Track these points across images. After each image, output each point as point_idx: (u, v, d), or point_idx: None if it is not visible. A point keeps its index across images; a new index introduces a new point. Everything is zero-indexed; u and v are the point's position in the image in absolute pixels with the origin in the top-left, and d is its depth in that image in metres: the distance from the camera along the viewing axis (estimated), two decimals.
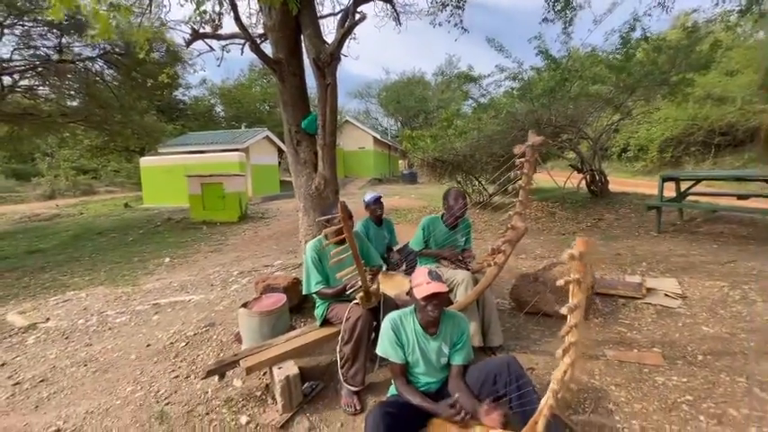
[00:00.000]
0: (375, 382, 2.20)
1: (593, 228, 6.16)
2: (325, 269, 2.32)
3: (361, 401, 2.04)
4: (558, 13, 6.42)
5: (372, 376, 2.24)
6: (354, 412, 1.99)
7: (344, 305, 2.21)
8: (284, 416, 1.95)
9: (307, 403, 2.07)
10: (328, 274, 2.33)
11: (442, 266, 2.72)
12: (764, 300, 2.95)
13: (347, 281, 2.11)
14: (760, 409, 1.82)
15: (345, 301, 2.24)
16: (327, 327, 2.36)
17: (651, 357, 2.32)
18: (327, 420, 1.96)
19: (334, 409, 2.04)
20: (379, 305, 2.16)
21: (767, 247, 4.36)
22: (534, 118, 6.95)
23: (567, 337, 1.12)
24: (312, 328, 2.42)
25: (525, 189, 1.90)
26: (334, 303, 2.33)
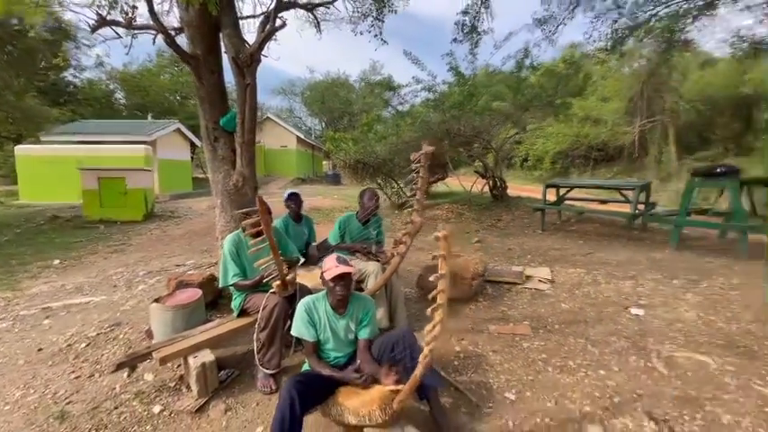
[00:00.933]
0: (290, 365, 2.39)
1: (493, 227, 7.01)
2: (243, 262, 2.44)
3: (277, 383, 2.21)
4: (466, 36, 7.20)
5: (287, 361, 2.41)
6: (270, 392, 2.15)
7: (262, 295, 2.36)
8: (199, 401, 2.03)
9: (223, 389, 2.17)
10: (246, 266, 2.44)
11: (356, 259, 2.99)
12: (606, 281, 3.77)
13: (264, 271, 2.26)
14: (590, 359, 2.42)
15: (263, 291, 2.38)
16: (245, 317, 2.47)
17: (522, 329, 2.86)
18: (244, 402, 2.10)
19: (251, 391, 2.18)
20: (295, 293, 2.35)
21: (617, 242, 5.46)
22: (446, 128, 7.66)
23: (438, 299, 1.45)
24: (229, 318, 2.51)
25: (421, 190, 2.26)
26: (251, 294, 2.45)
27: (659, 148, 16.45)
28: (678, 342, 2.54)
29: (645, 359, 2.36)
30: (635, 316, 2.98)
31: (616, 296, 3.39)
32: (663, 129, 16.34)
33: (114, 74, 24.04)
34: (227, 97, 3.42)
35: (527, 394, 2.10)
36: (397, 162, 8.54)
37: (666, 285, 3.57)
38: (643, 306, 3.14)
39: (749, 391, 2.01)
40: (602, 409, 1.93)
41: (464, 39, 7.33)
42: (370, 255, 2.97)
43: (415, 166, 2.24)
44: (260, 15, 3.79)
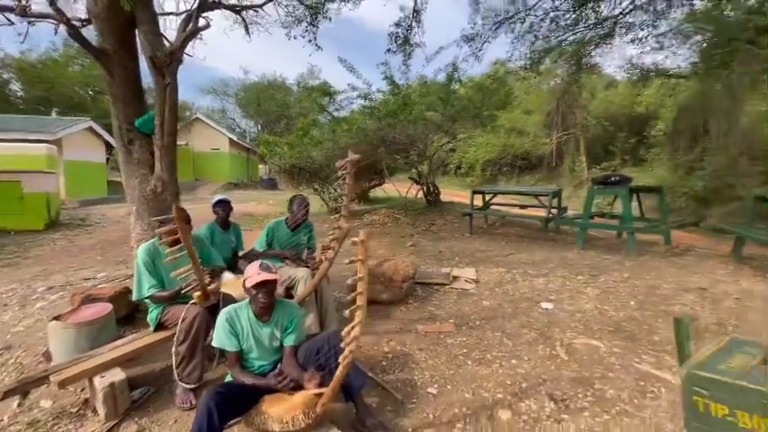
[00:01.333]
0: (212, 378, 2.29)
1: (427, 231, 7.31)
2: (160, 272, 2.30)
3: (197, 397, 2.11)
4: (399, 47, 7.48)
5: (210, 374, 2.32)
6: (190, 407, 2.05)
7: (181, 307, 2.24)
8: (107, 424, 1.87)
9: (136, 409, 2.02)
10: (163, 277, 2.31)
11: (285, 265, 2.96)
12: (523, 279, 4.13)
13: (183, 281, 2.15)
14: (505, 351, 2.64)
15: (182, 302, 2.27)
16: (162, 331, 2.33)
17: (447, 327, 3.04)
18: (160, 420, 1.97)
19: (168, 408, 2.05)
20: (218, 303, 2.26)
21: (534, 243, 6.00)
22: (382, 135, 7.85)
23: (357, 301, 1.52)
24: (144, 333, 2.34)
25: (348, 196, 2.32)
26: (169, 306, 2.32)
27: (573, 158, 18.34)
28: (578, 330, 2.89)
29: (550, 347, 2.65)
30: (545, 310, 3.31)
31: (530, 292, 3.73)
32: (575, 141, 18.25)
33: (8, 61, 21.00)
34: (144, 96, 3.19)
35: (448, 387, 2.24)
36: (333, 168, 8.53)
37: (572, 281, 4.01)
38: (552, 300, 3.50)
39: (629, 369, 2.34)
40: (511, 394, 2.13)
41: (397, 50, 7.61)
42: (299, 261, 2.95)
43: (341, 173, 2.29)
44: (182, 13, 3.61)
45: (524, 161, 21.09)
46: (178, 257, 2.00)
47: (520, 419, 1.93)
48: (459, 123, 8.45)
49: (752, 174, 10.04)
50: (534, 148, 20.03)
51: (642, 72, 10.55)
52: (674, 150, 13.49)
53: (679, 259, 4.65)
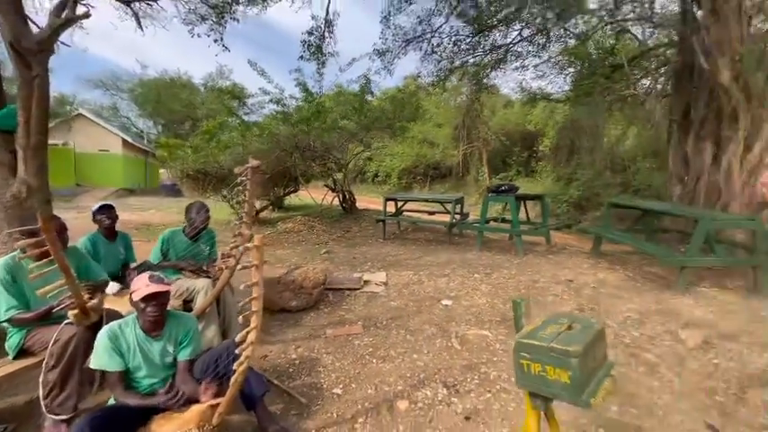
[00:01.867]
0: (90, 407, 2.05)
1: (342, 238, 7.40)
2: (23, 290, 2.01)
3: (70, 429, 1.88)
4: (312, 55, 7.51)
5: (89, 400, 2.08)
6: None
7: (50, 328, 1.98)
8: None
9: None
10: (27, 296, 2.02)
11: (184, 277, 2.78)
12: (428, 280, 4.45)
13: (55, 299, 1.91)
14: (407, 347, 2.83)
15: (53, 323, 2.00)
16: (26, 358, 2.02)
17: (355, 329, 3.14)
18: None
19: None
20: (100, 321, 2.05)
21: (440, 246, 6.47)
22: (295, 142, 7.76)
23: (252, 306, 1.53)
24: (3, 362, 2.01)
25: (250, 202, 2.30)
26: (36, 329, 2.03)
27: (477, 169, 20.16)
28: (471, 323, 3.22)
29: (447, 340, 2.91)
30: (445, 306, 3.62)
31: (434, 291, 4.04)
32: (479, 153, 20.10)
33: None
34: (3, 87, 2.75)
35: (352, 386, 2.33)
36: None
37: (470, 279, 4.43)
38: (452, 297, 3.84)
39: (508, 356, 2.69)
40: (410, 386, 2.31)
41: (310, 58, 7.65)
42: (199, 271, 2.80)
43: (241, 180, 2.26)
44: None
45: (436, 170, 22.52)
46: (46, 273, 1.78)
47: (416, 407, 2.10)
48: (374, 133, 8.76)
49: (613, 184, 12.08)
50: (444, 158, 21.56)
51: (530, 95, 12.09)
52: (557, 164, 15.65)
53: (555, 257, 5.43)
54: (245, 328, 1.51)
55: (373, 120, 8.14)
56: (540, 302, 3.63)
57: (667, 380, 2.37)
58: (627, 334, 2.96)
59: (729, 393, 2.23)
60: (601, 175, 12.87)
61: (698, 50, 5.06)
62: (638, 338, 2.90)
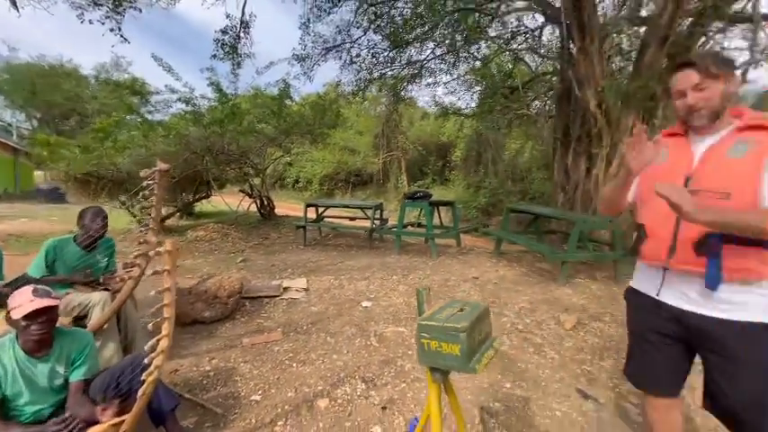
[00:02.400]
0: None
1: (260, 245, 7.14)
2: None
3: None
4: (227, 55, 7.19)
5: None
6: None
7: None
8: None
9: None
10: None
11: (76, 291, 2.49)
12: (349, 283, 4.55)
13: None
14: (328, 348, 2.89)
15: None
16: None
17: (274, 336, 3.10)
18: None
19: None
20: None
21: (361, 251, 6.63)
22: (208, 144, 7.31)
23: (164, 313, 1.48)
24: None
25: (157, 208, 2.17)
26: None
27: (397, 177, 20.97)
28: (389, 321, 3.40)
29: (366, 339, 3.04)
30: (364, 308, 3.75)
31: (354, 294, 4.15)
32: (398, 162, 20.95)
33: None
34: None
35: (272, 391, 2.32)
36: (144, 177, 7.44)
37: (388, 281, 4.65)
38: (371, 299, 3.99)
39: None
40: (330, 384, 2.38)
41: (224, 57, 7.30)
42: (95, 284, 2.53)
43: (148, 184, 2.13)
44: None
45: (357, 177, 22.88)
46: None
47: (336, 404, 2.18)
48: (294, 138, 8.64)
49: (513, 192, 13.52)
50: (365, 165, 22.03)
51: (442, 109, 13.02)
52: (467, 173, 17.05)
53: (464, 257, 5.95)
54: (156, 336, 1.45)
55: (293, 125, 8.04)
56: (451, 298, 3.97)
57: (550, 357, 2.81)
58: (520, 321, 3.41)
59: (594, 363, 2.73)
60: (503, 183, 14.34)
61: (573, 80, 6.03)
62: (528, 324, 3.35)
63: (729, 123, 1.25)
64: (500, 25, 9.01)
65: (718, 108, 1.23)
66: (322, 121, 8.95)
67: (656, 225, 1.31)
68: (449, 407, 1.39)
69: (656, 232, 1.31)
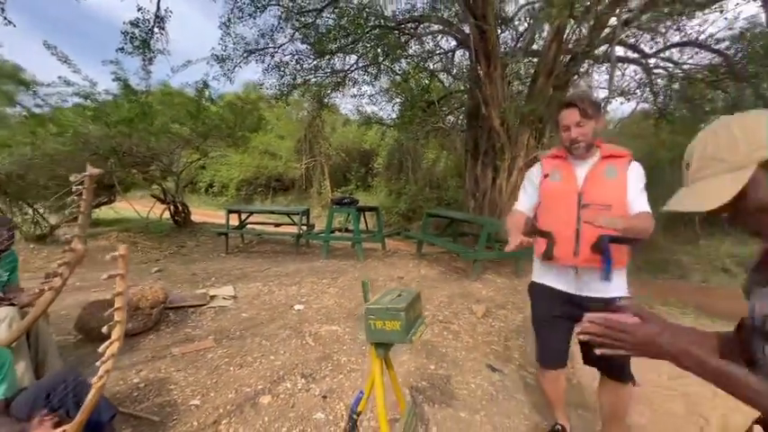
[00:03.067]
0: None
1: (176, 254, 6.69)
2: None
3: None
4: (137, 49, 6.65)
5: None
6: None
7: None
8: None
9: None
10: None
11: None
12: (279, 289, 4.59)
13: None
14: (264, 351, 2.96)
15: None
16: None
17: (206, 343, 3.06)
18: None
19: None
20: None
21: (288, 257, 6.63)
22: (112, 144, 6.65)
23: (115, 316, 1.49)
24: None
25: (84, 213, 2.07)
26: None
27: (320, 182, 20.92)
28: (322, 321, 3.56)
29: (301, 339, 3.17)
30: (297, 310, 3.86)
31: (285, 299, 4.22)
32: (321, 167, 20.93)
33: None
34: None
35: (211, 395, 2.35)
36: (33, 180, 6.50)
37: (318, 285, 4.79)
38: (303, 302, 4.11)
39: (356, 341, 3.15)
40: (271, 382, 2.48)
41: (133, 52, 6.74)
42: None
43: (77, 189, 2.03)
44: None
45: (278, 182, 22.27)
46: None
47: (278, 399, 2.31)
48: (212, 141, 8.25)
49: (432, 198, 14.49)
50: (287, 170, 21.55)
51: (365, 118, 13.48)
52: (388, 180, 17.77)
53: (389, 259, 6.34)
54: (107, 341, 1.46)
55: (212, 127, 7.69)
56: None
57: (465, 341, 3.25)
58: (440, 313, 3.84)
59: (500, 343, 3.24)
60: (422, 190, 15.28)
61: (480, 100, 6.86)
62: (448, 315, 3.80)
63: (596, 152, 1.72)
64: (418, 45, 9.74)
65: (591, 142, 1.68)
66: (243, 124, 8.70)
67: (562, 230, 1.67)
68: (388, 380, 1.65)
69: (563, 237, 1.67)
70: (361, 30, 8.30)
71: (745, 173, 0.69)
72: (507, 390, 2.56)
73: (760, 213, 0.72)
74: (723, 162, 0.72)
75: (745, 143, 0.70)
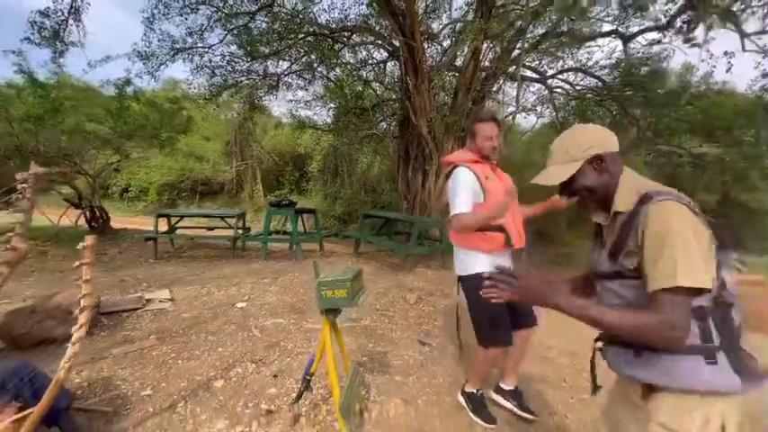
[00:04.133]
0: None
1: (98, 262, 6.22)
2: None
3: None
4: (46, 41, 6.13)
5: None
6: None
7: None
8: None
9: None
10: None
11: None
12: (218, 290, 4.61)
13: None
14: (211, 345, 3.07)
15: None
16: None
17: (148, 342, 3.09)
18: None
19: None
20: None
21: (224, 260, 6.55)
22: (16, 144, 6.02)
23: (81, 302, 1.62)
24: None
25: (28, 212, 2.08)
26: None
27: (251, 186, 20.27)
28: (267, 316, 3.74)
29: (248, 332, 3.33)
30: (240, 308, 3.97)
31: (226, 299, 4.29)
32: (252, 171, 20.31)
33: None
34: None
35: (162, 385, 2.45)
36: None
37: (259, 284, 4.90)
38: (245, 301, 4.22)
39: (301, 329, 3.40)
40: (222, 369, 2.64)
41: (42, 43, 6.18)
42: None
43: (22, 187, 2.04)
44: None
45: (205, 186, 21.11)
46: None
47: (231, 382, 2.49)
48: (135, 142, 7.78)
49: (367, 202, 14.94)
50: (215, 174, 20.56)
51: (299, 121, 13.52)
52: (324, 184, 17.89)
53: (328, 258, 6.60)
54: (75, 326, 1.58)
55: (136, 127, 7.28)
56: None
57: (400, 323, 3.68)
58: (378, 302, 4.23)
59: (429, 323, 3.72)
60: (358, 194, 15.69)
61: (410, 110, 7.46)
62: (384, 304, 4.20)
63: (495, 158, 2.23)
64: (352, 54, 10.15)
65: (500, 149, 2.18)
66: (171, 124, 8.33)
67: (509, 221, 2.07)
68: (336, 346, 1.97)
69: (511, 228, 2.07)
70: (294, 35, 8.47)
71: (578, 164, 1.14)
72: (435, 358, 3.02)
73: (585, 192, 1.17)
74: (567, 155, 1.16)
75: (581, 144, 1.14)
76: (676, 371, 0.92)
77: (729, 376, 0.88)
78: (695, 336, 0.91)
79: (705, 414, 0.89)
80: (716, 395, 0.89)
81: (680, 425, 0.91)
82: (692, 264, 0.87)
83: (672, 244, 0.88)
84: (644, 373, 0.98)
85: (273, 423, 2.08)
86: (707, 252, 0.91)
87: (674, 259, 0.87)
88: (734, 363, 0.89)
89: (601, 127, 1.20)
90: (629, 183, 1.07)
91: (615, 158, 1.12)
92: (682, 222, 0.91)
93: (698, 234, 0.91)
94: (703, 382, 0.90)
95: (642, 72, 7.05)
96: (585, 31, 6.15)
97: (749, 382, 0.88)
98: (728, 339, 0.91)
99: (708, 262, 0.90)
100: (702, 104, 7.88)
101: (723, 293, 0.92)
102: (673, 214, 0.92)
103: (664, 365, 0.93)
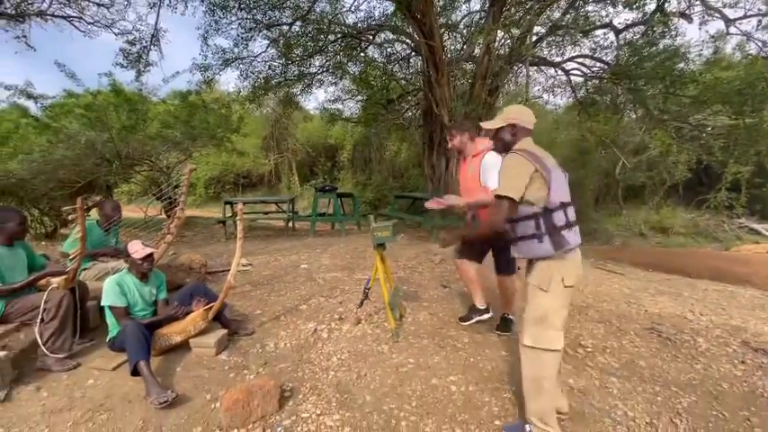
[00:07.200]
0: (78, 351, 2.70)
1: (180, 242, 7.69)
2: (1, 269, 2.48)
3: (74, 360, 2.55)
4: (131, 64, 7.52)
5: None
6: (74, 366, 2.50)
7: (27, 298, 2.54)
8: (2, 392, 2.14)
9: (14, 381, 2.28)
10: (3, 273, 2.49)
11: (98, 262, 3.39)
12: (283, 257, 5.84)
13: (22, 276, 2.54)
14: (286, 290, 4.27)
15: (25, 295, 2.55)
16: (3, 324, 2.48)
17: (246, 288, 4.32)
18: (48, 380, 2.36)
19: (51, 373, 2.42)
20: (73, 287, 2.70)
21: (281, 237, 7.83)
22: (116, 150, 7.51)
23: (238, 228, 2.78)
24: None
25: (185, 194, 3.29)
26: (13, 299, 2.51)
27: (288, 177, 21.81)
28: (325, 271, 4.91)
29: (314, 282, 4.51)
30: (304, 268, 5.17)
31: (291, 263, 5.50)
32: (288, 162, 21.81)
33: None
34: None
35: (266, 308, 3.65)
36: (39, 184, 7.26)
37: (314, 253, 6.09)
38: (306, 263, 5.42)
39: (353, 279, 4.54)
40: (302, 301, 3.82)
41: (129, 66, 7.59)
42: (117, 255, 3.46)
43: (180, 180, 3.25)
44: None
45: (246, 179, 22.87)
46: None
47: (311, 306, 3.66)
48: (200, 142, 9.19)
49: (395, 188, 15.93)
50: (255, 167, 22.24)
51: (331, 114, 14.64)
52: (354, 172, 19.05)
53: (366, 235, 7.74)
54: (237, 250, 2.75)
55: (201, 131, 8.66)
56: (363, 258, 5.69)
57: (426, 276, 4.74)
58: (409, 263, 5.31)
59: (451, 276, 4.76)
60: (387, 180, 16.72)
61: (433, 100, 8.35)
62: (414, 264, 5.27)
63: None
64: (378, 50, 11.08)
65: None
66: (226, 125, 9.68)
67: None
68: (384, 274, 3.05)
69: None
70: (324, 36, 9.52)
71: (502, 123, 2.07)
72: (453, 293, 4.07)
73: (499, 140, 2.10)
74: (500, 117, 2.10)
75: (508, 115, 2.06)
76: (525, 247, 1.85)
77: (548, 248, 1.77)
78: (531, 227, 1.80)
79: (549, 271, 1.84)
80: (549, 259, 1.82)
81: (540, 280, 1.86)
82: (509, 183, 1.76)
83: (502, 172, 1.83)
84: (516, 251, 1.95)
85: (344, 323, 3.22)
86: (524, 179, 1.73)
87: (501, 179, 1.82)
88: (553, 241, 1.77)
89: (528, 110, 2.09)
90: (519, 144, 1.94)
91: (524, 130, 1.97)
92: (513, 163, 1.77)
93: (518, 169, 1.75)
94: (536, 252, 1.77)
95: (647, 52, 7.52)
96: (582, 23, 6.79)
97: (560, 249, 1.76)
98: (550, 228, 1.78)
99: (521, 184, 1.74)
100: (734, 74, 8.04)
101: (548, 204, 1.78)
102: (509, 158, 1.81)
103: (521, 246, 1.89)
